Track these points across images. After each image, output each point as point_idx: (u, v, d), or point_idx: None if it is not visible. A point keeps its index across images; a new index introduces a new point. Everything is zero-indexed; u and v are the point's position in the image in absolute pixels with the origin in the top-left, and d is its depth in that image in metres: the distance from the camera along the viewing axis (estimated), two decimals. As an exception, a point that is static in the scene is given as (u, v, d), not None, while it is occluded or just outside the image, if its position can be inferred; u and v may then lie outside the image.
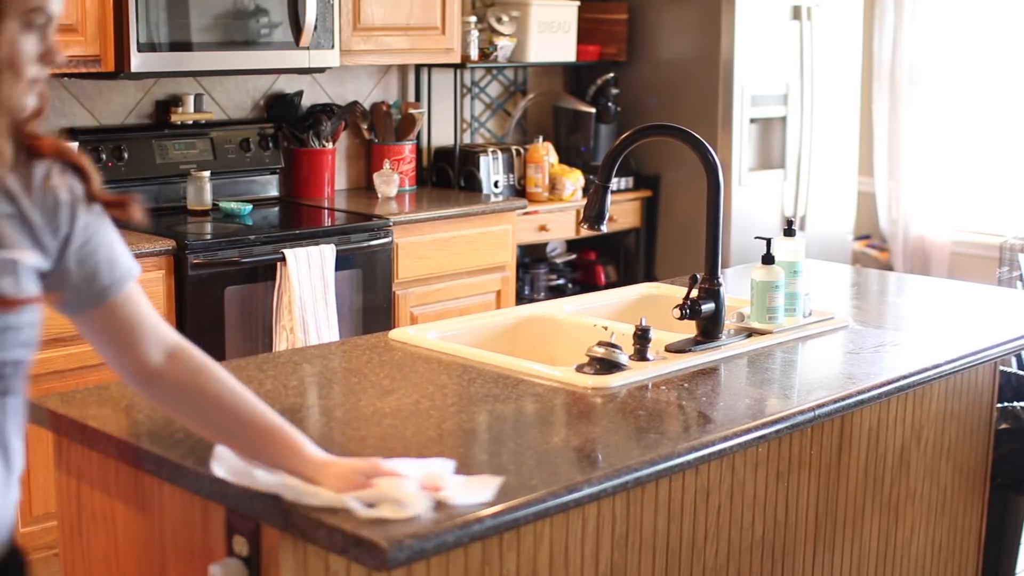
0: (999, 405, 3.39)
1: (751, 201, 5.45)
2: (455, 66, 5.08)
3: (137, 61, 3.93)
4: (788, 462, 2.66)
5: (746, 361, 2.62)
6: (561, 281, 5.50)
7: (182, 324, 3.90)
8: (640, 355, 2.51)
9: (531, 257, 5.44)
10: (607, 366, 2.40)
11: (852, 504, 2.87)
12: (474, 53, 5.10)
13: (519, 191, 5.26)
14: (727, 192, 5.28)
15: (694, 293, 2.65)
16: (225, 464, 1.79)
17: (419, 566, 1.94)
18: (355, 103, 4.98)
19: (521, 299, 5.11)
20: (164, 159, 4.40)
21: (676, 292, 3.09)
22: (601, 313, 3.03)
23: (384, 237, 4.39)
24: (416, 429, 2.07)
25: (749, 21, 5.29)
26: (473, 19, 5.11)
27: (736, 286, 3.15)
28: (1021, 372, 3.76)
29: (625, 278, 5.53)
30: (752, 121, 5.42)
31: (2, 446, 1.66)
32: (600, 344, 2.42)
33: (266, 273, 4.07)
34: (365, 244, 4.33)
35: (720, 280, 2.65)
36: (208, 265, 3.93)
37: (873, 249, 6.10)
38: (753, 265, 2.83)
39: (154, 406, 1.91)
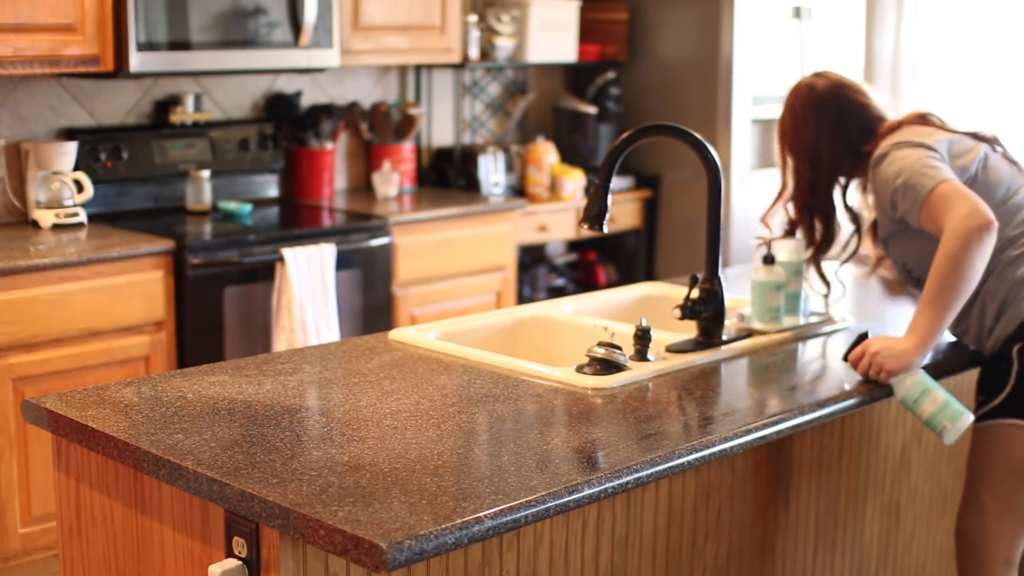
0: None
1: (752, 201, 5.45)
2: (455, 66, 5.08)
3: (136, 61, 3.92)
4: (789, 462, 2.66)
5: (746, 361, 2.62)
6: (561, 281, 5.49)
7: (181, 324, 3.90)
8: (640, 355, 2.51)
9: (531, 257, 5.43)
10: (607, 366, 2.40)
11: (852, 505, 2.86)
12: (474, 53, 5.10)
13: (519, 191, 5.25)
14: (727, 192, 5.28)
15: (694, 293, 2.65)
16: None
17: (419, 567, 1.93)
18: (355, 103, 4.97)
19: (521, 299, 5.11)
20: (163, 159, 4.40)
21: (676, 292, 3.09)
22: (601, 313, 3.03)
23: (384, 237, 4.39)
24: (416, 430, 2.07)
25: (749, 21, 5.28)
26: (473, 19, 5.11)
27: (736, 286, 3.14)
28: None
29: (625, 278, 5.52)
30: (752, 121, 5.41)
31: None
32: (600, 344, 2.42)
33: (266, 273, 4.07)
34: (365, 244, 4.33)
35: (720, 280, 2.65)
36: (207, 265, 3.93)
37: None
38: (754, 265, 2.83)
39: None
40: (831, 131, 2.84)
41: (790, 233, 2.92)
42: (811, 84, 2.92)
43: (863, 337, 2.52)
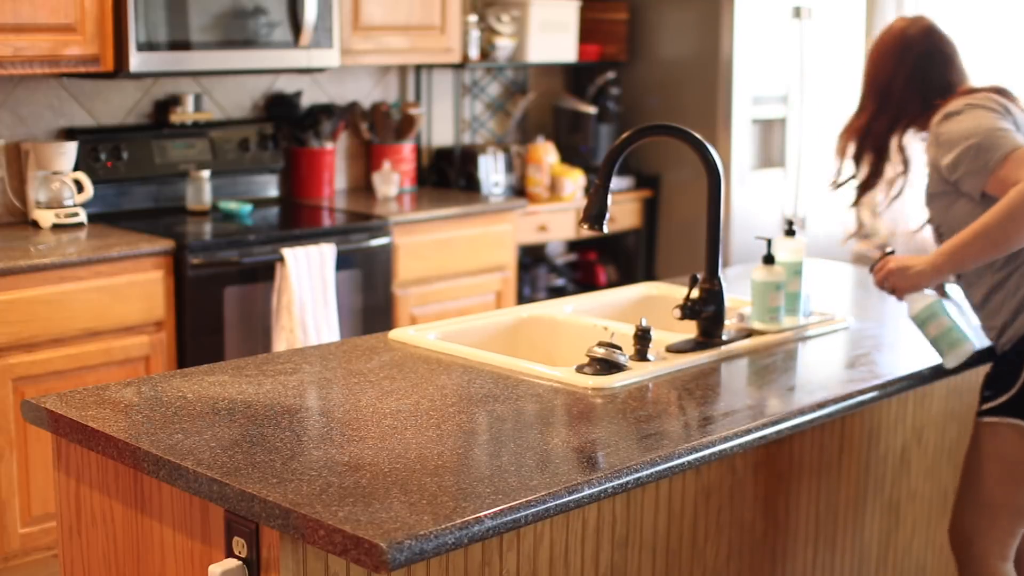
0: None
1: (752, 201, 5.45)
2: (455, 66, 5.08)
3: (136, 61, 3.92)
4: (788, 462, 2.66)
5: (746, 361, 2.62)
6: (561, 281, 5.50)
7: (181, 324, 3.90)
8: (640, 355, 2.51)
9: (531, 257, 5.43)
10: (607, 366, 2.40)
11: (852, 505, 2.86)
12: (474, 53, 5.10)
13: (519, 191, 5.26)
14: (727, 192, 5.28)
15: (694, 293, 2.65)
16: None
17: (419, 567, 1.93)
18: (355, 103, 4.97)
19: (521, 299, 5.11)
20: (163, 159, 4.40)
21: (676, 292, 3.09)
22: (601, 313, 3.03)
23: (384, 237, 4.39)
24: (416, 430, 2.07)
25: (749, 21, 5.29)
26: (473, 19, 5.11)
27: (737, 286, 3.14)
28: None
29: (625, 278, 5.53)
30: (752, 121, 5.41)
31: None
32: (600, 344, 2.42)
33: (266, 273, 4.07)
34: (365, 244, 4.33)
35: (720, 280, 2.65)
36: (207, 265, 3.93)
37: (874, 249, 6.10)
38: (754, 265, 2.83)
39: None
40: (910, 71, 2.84)
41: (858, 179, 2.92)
42: (904, 27, 2.91)
43: (889, 254, 2.69)
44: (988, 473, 2.70)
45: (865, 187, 2.93)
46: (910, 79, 2.83)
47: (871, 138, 2.88)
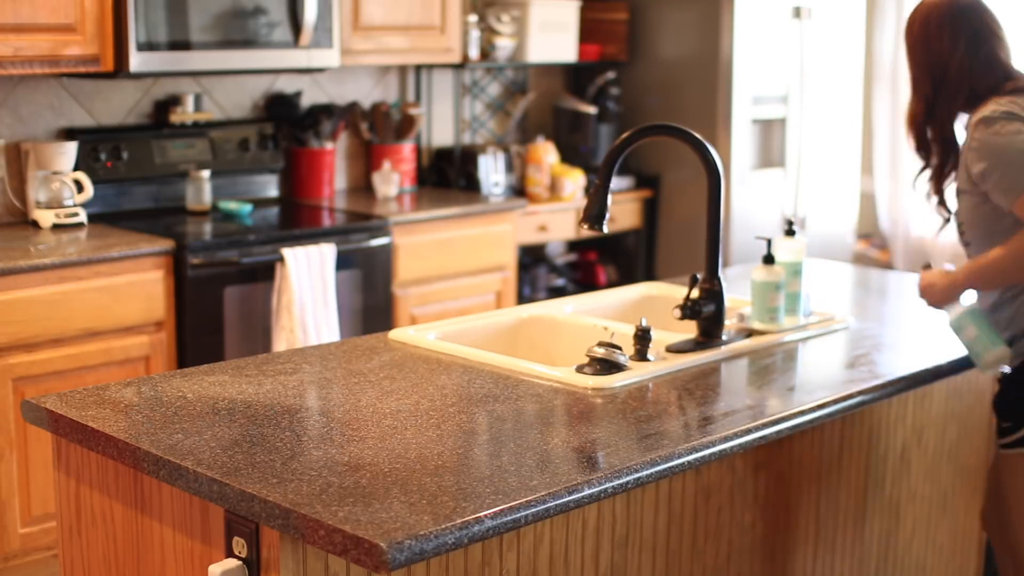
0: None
1: (752, 201, 5.45)
2: (455, 66, 5.08)
3: (136, 61, 3.92)
4: (788, 462, 2.66)
5: (746, 361, 2.62)
6: (561, 281, 5.50)
7: (181, 324, 3.90)
8: (640, 355, 2.51)
9: (531, 257, 5.43)
10: (607, 366, 2.40)
11: (852, 505, 2.86)
12: (474, 53, 5.10)
13: (519, 191, 5.25)
14: (727, 192, 5.28)
15: (694, 293, 2.64)
16: None
17: (419, 567, 1.93)
18: (355, 103, 4.97)
19: (521, 299, 5.11)
20: (163, 159, 4.40)
21: (676, 292, 3.09)
22: (601, 313, 3.03)
23: (384, 237, 4.39)
24: (416, 430, 2.07)
25: (749, 21, 5.28)
26: (473, 19, 5.11)
27: (737, 286, 3.14)
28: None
29: (625, 278, 5.52)
30: (752, 121, 5.41)
31: None
32: (600, 344, 2.42)
33: (266, 273, 4.07)
34: (365, 244, 4.33)
35: (720, 280, 2.65)
36: (207, 265, 3.93)
37: (874, 249, 6.10)
38: (754, 265, 2.83)
39: None
40: (965, 47, 2.70)
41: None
42: (951, 2, 2.72)
43: (926, 267, 2.80)
44: (1019, 518, 2.70)
45: (939, 176, 2.83)
46: (965, 59, 2.69)
47: (936, 124, 2.76)
